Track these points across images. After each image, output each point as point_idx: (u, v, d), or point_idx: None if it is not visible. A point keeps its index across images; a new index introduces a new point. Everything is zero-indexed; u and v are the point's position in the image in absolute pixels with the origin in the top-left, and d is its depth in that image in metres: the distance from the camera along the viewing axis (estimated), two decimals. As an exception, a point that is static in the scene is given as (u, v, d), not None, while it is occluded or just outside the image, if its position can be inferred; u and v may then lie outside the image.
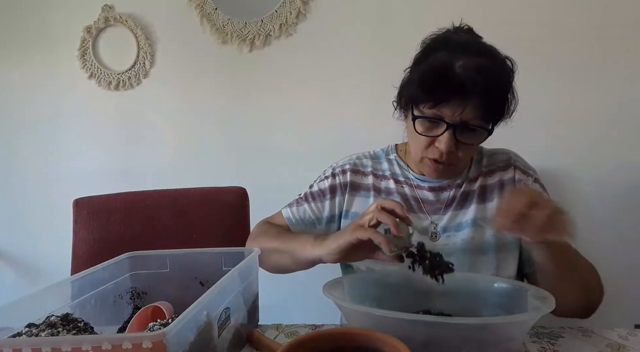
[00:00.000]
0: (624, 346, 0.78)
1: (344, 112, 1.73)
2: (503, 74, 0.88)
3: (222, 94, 1.82)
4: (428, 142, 0.91)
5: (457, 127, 0.87)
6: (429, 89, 0.86)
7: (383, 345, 0.55)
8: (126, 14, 1.82)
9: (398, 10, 1.68)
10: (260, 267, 1.03)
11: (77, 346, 0.52)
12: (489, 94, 0.84)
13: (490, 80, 0.84)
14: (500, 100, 0.88)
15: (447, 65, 0.84)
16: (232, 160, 1.83)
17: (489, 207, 1.00)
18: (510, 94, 0.90)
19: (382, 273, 0.95)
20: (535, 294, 0.75)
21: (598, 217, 1.62)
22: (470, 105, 0.84)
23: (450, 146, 0.88)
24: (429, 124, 0.89)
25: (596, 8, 1.58)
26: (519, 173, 1.02)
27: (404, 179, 1.04)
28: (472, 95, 0.83)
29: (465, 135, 0.88)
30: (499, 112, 0.90)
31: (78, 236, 1.30)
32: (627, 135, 1.59)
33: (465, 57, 0.84)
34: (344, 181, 1.06)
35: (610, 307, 1.54)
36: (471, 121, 0.86)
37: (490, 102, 0.86)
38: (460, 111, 0.85)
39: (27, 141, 1.93)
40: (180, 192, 1.36)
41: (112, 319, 0.89)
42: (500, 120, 0.92)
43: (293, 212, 1.08)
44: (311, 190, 1.10)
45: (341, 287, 0.83)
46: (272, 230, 1.05)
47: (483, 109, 0.86)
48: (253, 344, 0.83)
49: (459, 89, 0.83)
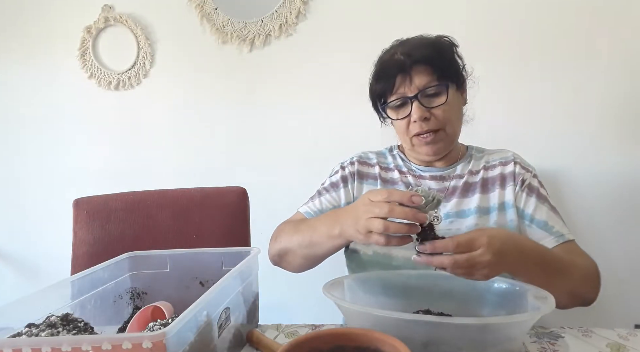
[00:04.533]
0: (624, 346, 0.78)
1: (344, 112, 1.73)
2: (437, 43, 1.02)
3: (222, 94, 1.82)
4: (407, 123, 1.01)
5: (418, 95, 0.97)
6: (380, 78, 1.02)
7: (383, 345, 0.55)
8: (126, 14, 1.82)
9: (398, 10, 1.68)
10: (287, 269, 1.05)
11: (77, 346, 0.52)
12: (427, 59, 0.97)
13: (424, 50, 0.98)
14: (441, 60, 0.99)
15: (389, 57, 1.02)
16: (232, 161, 1.83)
17: (491, 197, 1.04)
18: (453, 56, 1.03)
19: (380, 275, 0.95)
20: (535, 294, 0.75)
21: (598, 218, 1.62)
22: (416, 74, 0.97)
23: (421, 113, 0.97)
24: (398, 108, 1.01)
25: (597, 6, 1.57)
26: (519, 167, 1.05)
27: (407, 169, 1.11)
28: (413, 65, 0.97)
29: (430, 99, 0.99)
30: (446, 70, 0.99)
31: (78, 236, 1.30)
32: (628, 135, 1.59)
33: (401, 47, 1.02)
34: (352, 171, 1.13)
35: (610, 307, 1.55)
36: (426, 85, 0.97)
37: (432, 64, 0.97)
38: (410, 82, 0.97)
39: (27, 141, 1.93)
40: (180, 192, 1.36)
41: (112, 319, 0.89)
42: (457, 78, 1.02)
43: (311, 207, 1.11)
44: (324, 186, 1.14)
45: (341, 287, 0.84)
46: (291, 225, 1.04)
47: (430, 72, 0.97)
48: (253, 344, 0.83)
49: (400, 66, 0.98)
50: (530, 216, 1.01)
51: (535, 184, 1.04)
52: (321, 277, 0.89)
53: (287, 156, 1.80)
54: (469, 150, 1.12)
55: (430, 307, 0.84)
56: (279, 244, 1.01)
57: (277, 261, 1.05)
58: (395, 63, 0.99)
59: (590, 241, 1.58)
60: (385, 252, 1.02)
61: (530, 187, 1.03)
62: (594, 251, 0.97)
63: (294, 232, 0.98)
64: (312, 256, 0.96)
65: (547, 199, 1.03)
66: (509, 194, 1.03)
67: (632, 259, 1.61)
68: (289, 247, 0.99)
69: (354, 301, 0.83)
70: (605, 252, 1.58)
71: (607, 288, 0.92)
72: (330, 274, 0.97)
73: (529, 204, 1.01)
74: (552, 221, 1.00)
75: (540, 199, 1.02)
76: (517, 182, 1.03)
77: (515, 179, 1.03)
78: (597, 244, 1.58)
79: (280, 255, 1.02)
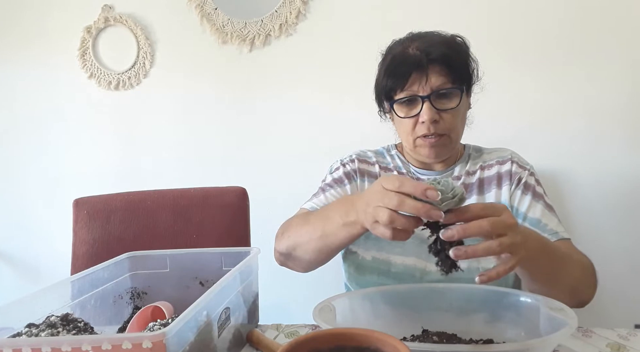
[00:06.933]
0: (624, 346, 0.77)
1: (344, 112, 1.73)
2: (453, 42, 0.98)
3: (222, 94, 1.82)
4: (413, 123, 0.97)
5: (430, 96, 0.94)
6: (392, 74, 0.96)
7: (383, 345, 0.55)
8: (126, 14, 1.82)
9: (398, 10, 1.68)
10: (295, 268, 0.99)
11: (77, 346, 0.52)
12: (445, 59, 0.93)
13: (442, 48, 0.94)
14: (458, 62, 0.96)
15: (403, 50, 0.97)
16: (232, 160, 1.83)
17: (488, 198, 1.03)
18: (468, 58, 1.00)
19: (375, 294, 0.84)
20: (549, 305, 0.70)
21: (598, 218, 1.62)
22: (433, 74, 0.93)
23: (431, 114, 0.94)
24: (407, 106, 0.97)
25: (598, 6, 1.57)
26: (516, 166, 1.04)
27: (406, 171, 1.08)
28: (429, 63, 0.93)
29: (441, 101, 0.95)
30: (462, 73, 0.97)
31: (78, 236, 1.30)
32: (629, 135, 1.59)
33: (416, 41, 0.97)
34: (354, 168, 1.10)
35: (610, 307, 1.55)
36: (440, 87, 0.94)
37: (449, 65, 0.94)
38: (426, 81, 0.93)
39: (27, 141, 1.93)
40: (180, 192, 1.36)
41: (112, 319, 0.89)
42: (469, 82, 1.00)
43: (316, 202, 1.05)
44: (326, 182, 1.09)
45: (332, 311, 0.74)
46: (299, 218, 0.97)
47: (446, 73, 0.94)
48: (253, 344, 0.83)
49: (417, 63, 0.93)
50: (523, 214, 0.99)
51: (531, 182, 1.02)
52: (321, 277, 0.89)
53: (287, 156, 1.80)
54: (466, 150, 1.10)
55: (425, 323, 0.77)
56: (287, 239, 0.94)
57: (284, 260, 0.99)
58: (411, 58, 0.94)
59: (590, 241, 1.58)
60: (384, 259, 1.00)
61: (526, 185, 1.01)
62: (594, 251, 0.97)
63: (304, 224, 0.91)
64: (326, 248, 0.88)
65: (542, 197, 1.01)
66: (505, 194, 1.01)
67: (633, 259, 1.61)
68: (298, 242, 0.91)
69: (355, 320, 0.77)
70: (605, 252, 1.58)
71: (607, 288, 0.92)
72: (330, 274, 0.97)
73: (523, 202, 1.00)
74: (546, 219, 0.98)
75: (535, 197, 1.00)
76: (513, 181, 1.02)
77: (512, 178, 1.02)
78: (598, 243, 1.58)
79: (288, 252, 0.95)
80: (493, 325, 0.76)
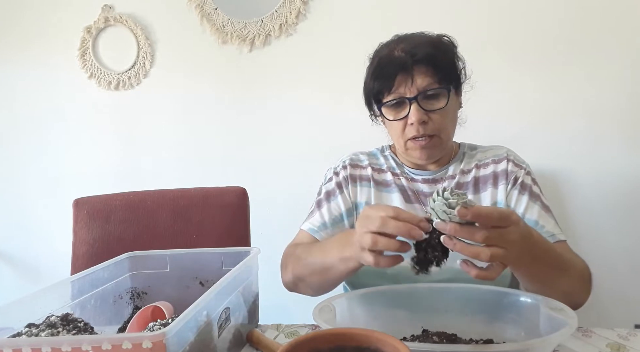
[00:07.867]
0: (624, 346, 0.77)
1: (344, 112, 1.73)
2: (438, 42, 0.98)
3: (222, 94, 1.82)
4: (403, 125, 0.97)
5: (417, 97, 0.94)
6: (378, 77, 0.97)
7: (383, 345, 0.55)
8: (126, 14, 1.82)
9: (398, 10, 1.68)
10: (305, 294, 0.99)
11: (77, 346, 0.52)
12: (430, 59, 0.93)
13: (427, 49, 0.94)
14: (444, 61, 0.96)
15: (389, 53, 0.97)
16: (232, 160, 1.83)
17: (484, 197, 1.02)
18: (455, 57, 1.00)
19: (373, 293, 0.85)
20: (549, 305, 0.70)
21: (598, 218, 1.61)
22: (418, 75, 0.93)
23: (419, 116, 0.94)
24: (395, 108, 0.97)
25: (599, 6, 1.57)
26: (512, 165, 1.03)
27: (400, 171, 1.08)
28: (414, 64, 0.93)
29: (429, 102, 0.95)
30: (448, 73, 0.97)
31: (78, 236, 1.30)
32: (629, 135, 1.59)
33: (402, 43, 0.97)
34: (345, 175, 1.09)
35: (610, 307, 1.55)
36: (427, 87, 0.94)
37: (435, 66, 0.94)
38: (412, 83, 0.93)
39: (27, 141, 1.93)
40: (180, 192, 1.36)
41: (112, 319, 0.89)
42: (457, 81, 1.00)
43: (313, 222, 1.06)
44: (320, 197, 1.10)
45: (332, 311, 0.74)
46: (300, 249, 0.99)
47: (432, 74, 0.94)
48: (253, 344, 0.83)
49: (402, 64, 0.93)
50: (520, 215, 0.97)
51: (528, 181, 1.02)
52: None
53: (287, 156, 1.80)
54: (461, 149, 1.09)
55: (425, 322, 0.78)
56: (290, 273, 0.97)
57: (292, 288, 1.00)
58: (396, 60, 0.94)
59: (590, 241, 1.58)
60: None
61: (522, 185, 1.00)
62: (594, 251, 0.97)
63: (307, 256, 0.93)
64: (330, 281, 0.90)
65: (539, 197, 1.01)
66: (501, 193, 1.01)
67: (633, 259, 1.60)
68: (301, 276, 0.94)
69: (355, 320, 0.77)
70: (605, 252, 1.58)
71: (607, 288, 0.92)
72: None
73: (520, 203, 0.99)
74: (543, 220, 0.97)
75: (532, 198, 0.99)
76: (510, 181, 1.01)
77: (508, 177, 1.01)
78: (598, 243, 1.58)
79: (294, 283, 0.98)
80: (493, 325, 0.76)
